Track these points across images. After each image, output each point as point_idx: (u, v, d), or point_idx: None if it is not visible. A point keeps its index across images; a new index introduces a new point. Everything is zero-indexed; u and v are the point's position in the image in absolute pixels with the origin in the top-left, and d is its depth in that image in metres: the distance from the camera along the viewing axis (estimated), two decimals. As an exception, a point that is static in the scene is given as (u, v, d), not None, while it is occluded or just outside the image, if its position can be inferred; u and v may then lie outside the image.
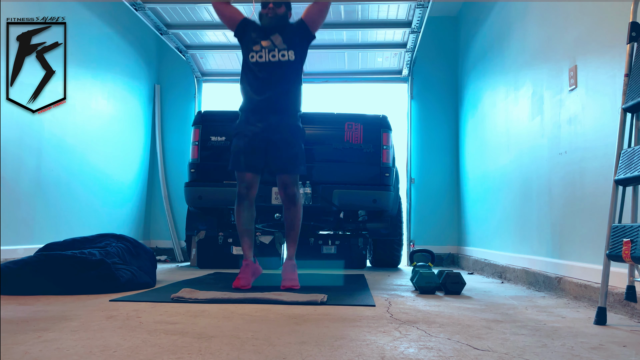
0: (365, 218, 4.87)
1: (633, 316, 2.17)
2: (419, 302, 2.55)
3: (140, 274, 3.00)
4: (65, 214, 4.42)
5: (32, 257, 2.76)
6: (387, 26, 5.23)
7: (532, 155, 3.60)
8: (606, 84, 2.58)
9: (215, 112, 4.62)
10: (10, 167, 3.71)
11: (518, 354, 1.48)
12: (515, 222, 3.96)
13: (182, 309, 2.20)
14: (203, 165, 4.46)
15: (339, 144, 4.46)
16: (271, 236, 4.67)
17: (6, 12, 3.57)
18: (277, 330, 1.75)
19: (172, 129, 6.34)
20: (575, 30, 2.96)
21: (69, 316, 1.98)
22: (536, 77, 3.57)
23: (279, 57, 3.03)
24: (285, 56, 3.03)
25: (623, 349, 1.60)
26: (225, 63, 6.18)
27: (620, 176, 2.05)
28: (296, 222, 3.13)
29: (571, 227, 2.96)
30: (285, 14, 3.08)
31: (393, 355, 1.44)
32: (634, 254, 1.83)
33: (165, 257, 5.96)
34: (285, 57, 3.03)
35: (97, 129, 4.94)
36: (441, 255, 5.86)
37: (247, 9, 4.85)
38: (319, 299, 2.42)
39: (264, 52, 3.04)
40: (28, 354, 1.39)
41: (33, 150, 3.99)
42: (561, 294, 2.89)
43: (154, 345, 1.49)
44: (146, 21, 5.02)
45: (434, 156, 6.17)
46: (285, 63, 3.04)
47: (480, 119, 5.10)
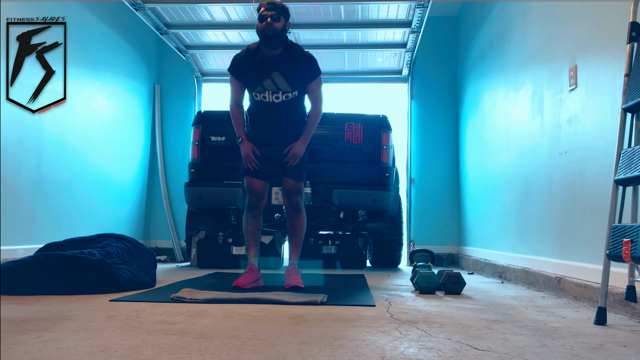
0: (365, 218, 4.87)
1: (633, 316, 2.17)
2: (419, 302, 2.55)
3: (140, 274, 3.00)
4: (65, 213, 4.42)
5: (32, 257, 2.76)
6: (387, 26, 5.23)
7: (532, 155, 3.60)
8: (606, 84, 2.58)
9: (215, 112, 4.61)
10: (10, 167, 3.71)
11: (518, 354, 1.48)
12: (515, 222, 3.96)
13: (182, 309, 2.20)
14: (203, 165, 4.46)
15: (339, 144, 4.46)
16: (271, 236, 4.67)
17: (6, 12, 3.57)
18: (277, 330, 1.75)
19: (172, 129, 6.34)
20: (575, 30, 2.96)
21: (69, 316, 1.98)
22: (536, 77, 3.57)
23: (283, 98, 3.05)
24: (288, 97, 3.06)
25: (623, 349, 1.60)
26: (225, 63, 6.17)
27: (620, 176, 2.05)
28: (300, 230, 3.17)
29: (571, 227, 2.96)
30: (284, 27, 2.96)
31: (393, 355, 1.44)
32: (634, 254, 1.83)
33: (165, 257, 5.96)
34: (288, 98, 3.06)
35: (97, 129, 4.94)
36: (441, 255, 5.86)
37: (247, 9, 4.85)
38: (319, 299, 2.42)
39: (267, 93, 3.05)
40: (28, 354, 1.39)
41: (33, 150, 3.99)
42: (561, 294, 2.89)
43: (154, 345, 1.49)
44: (146, 21, 5.02)
45: (434, 156, 6.17)
46: (288, 101, 3.07)
47: (480, 119, 5.10)
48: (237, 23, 5.17)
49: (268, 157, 3.09)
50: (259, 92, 3.06)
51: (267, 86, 3.03)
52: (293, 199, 3.13)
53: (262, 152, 3.09)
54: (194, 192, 4.43)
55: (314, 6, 4.84)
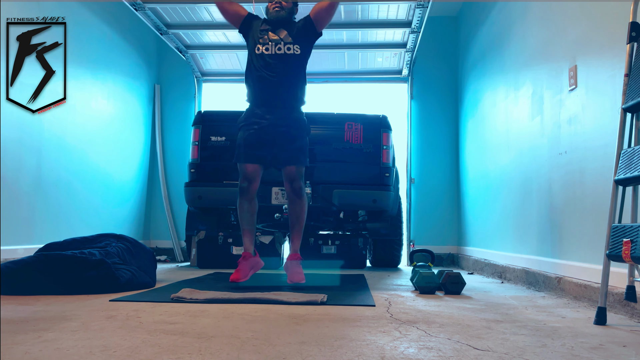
0: (365, 218, 4.86)
1: (633, 316, 2.17)
2: (419, 302, 2.55)
3: (140, 274, 3.00)
4: (65, 213, 4.42)
5: (32, 257, 2.76)
6: (387, 26, 5.23)
7: (532, 155, 3.60)
8: (606, 83, 2.58)
9: (215, 112, 4.62)
10: (10, 167, 3.71)
11: (518, 354, 1.48)
12: (515, 222, 3.96)
13: (182, 309, 2.20)
14: (203, 165, 4.46)
15: (339, 144, 4.46)
16: (271, 236, 4.67)
17: (6, 12, 3.57)
18: (277, 330, 1.75)
19: (172, 129, 6.33)
20: (575, 30, 2.96)
21: (69, 316, 1.98)
22: (536, 77, 3.57)
23: (285, 50, 3.06)
24: (290, 49, 3.06)
25: (623, 349, 1.60)
26: (225, 63, 6.18)
27: (620, 176, 2.05)
28: (302, 215, 3.16)
29: (571, 227, 2.96)
30: (292, 8, 3.14)
31: (393, 355, 1.44)
32: (634, 254, 1.83)
33: (165, 257, 5.96)
34: (290, 50, 3.07)
35: (97, 129, 4.94)
36: (441, 255, 5.86)
37: (247, 9, 4.85)
38: (319, 299, 2.42)
39: (270, 44, 3.07)
40: (28, 354, 1.39)
41: (33, 150, 3.99)
42: (561, 294, 2.89)
43: (154, 345, 1.49)
44: (146, 21, 5.02)
45: (434, 156, 6.17)
46: (291, 56, 3.07)
47: (480, 119, 5.10)
48: (237, 23, 5.17)
49: (265, 139, 3.05)
50: (262, 43, 3.08)
51: (271, 37, 3.08)
52: (296, 183, 3.11)
53: (258, 137, 3.05)
54: (194, 192, 4.43)
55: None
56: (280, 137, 3.06)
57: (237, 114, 3.25)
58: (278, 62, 3.05)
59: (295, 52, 3.07)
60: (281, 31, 3.10)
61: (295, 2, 3.17)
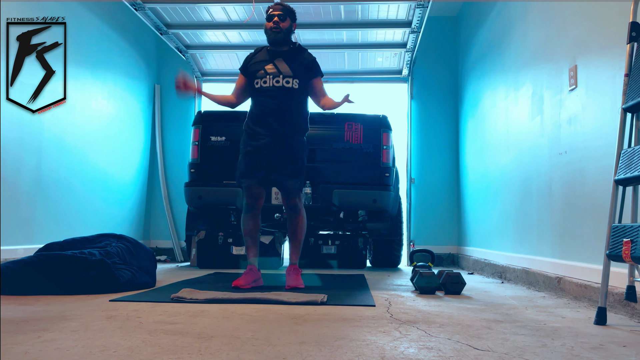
0: (365, 218, 4.87)
1: (633, 316, 2.17)
2: (419, 302, 2.55)
3: (140, 274, 3.00)
4: (65, 213, 4.42)
5: (32, 257, 2.76)
6: (387, 26, 5.23)
7: (532, 155, 3.60)
8: (606, 84, 2.58)
9: (215, 112, 4.61)
10: (10, 167, 3.71)
11: (518, 354, 1.48)
12: (515, 222, 3.96)
13: (182, 309, 2.20)
14: (203, 165, 4.46)
15: (339, 144, 4.46)
16: (271, 236, 4.67)
17: (6, 12, 3.57)
18: (277, 330, 1.75)
19: (172, 129, 6.33)
20: (575, 30, 2.96)
21: (69, 316, 1.98)
22: (536, 77, 3.56)
23: (283, 83, 3.06)
24: (289, 83, 3.06)
25: (623, 349, 1.60)
26: (225, 63, 6.18)
27: (620, 176, 2.05)
28: (299, 231, 3.17)
29: (571, 227, 2.96)
30: (290, 27, 3.12)
31: (393, 355, 1.44)
32: (634, 254, 1.83)
33: (165, 257, 5.96)
34: (289, 84, 3.06)
35: (97, 129, 4.94)
36: (441, 255, 5.86)
37: (247, 9, 4.85)
38: (319, 299, 2.42)
39: (268, 77, 3.07)
40: (28, 354, 1.39)
41: (33, 149, 3.99)
42: (561, 294, 2.89)
43: (154, 345, 1.49)
44: (146, 21, 5.02)
45: (434, 156, 6.17)
46: (290, 89, 3.07)
47: (480, 119, 5.10)
48: (237, 23, 5.17)
49: (262, 162, 3.07)
50: (260, 77, 3.09)
51: (268, 70, 3.08)
52: (291, 201, 3.13)
53: (256, 157, 3.07)
54: (194, 192, 4.43)
55: (314, 6, 4.84)
56: (278, 158, 3.07)
57: (237, 114, 3.25)
58: (277, 92, 3.06)
59: (294, 86, 3.07)
60: (279, 62, 3.09)
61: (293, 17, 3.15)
